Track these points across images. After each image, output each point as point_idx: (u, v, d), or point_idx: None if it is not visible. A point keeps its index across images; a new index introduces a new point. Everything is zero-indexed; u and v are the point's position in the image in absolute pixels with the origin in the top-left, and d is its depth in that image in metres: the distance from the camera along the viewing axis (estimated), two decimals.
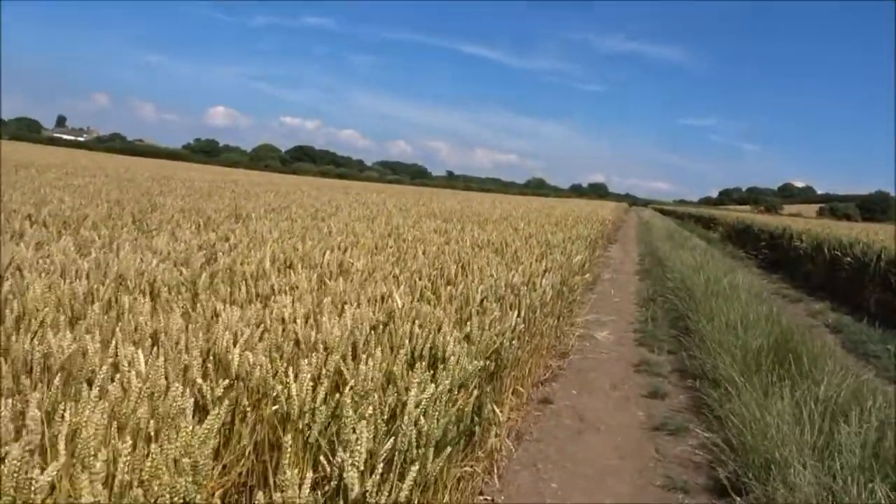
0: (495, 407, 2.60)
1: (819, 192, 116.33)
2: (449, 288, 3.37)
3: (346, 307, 2.65)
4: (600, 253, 11.50)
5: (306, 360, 1.84)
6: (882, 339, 5.81)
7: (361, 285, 3.28)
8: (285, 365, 2.00)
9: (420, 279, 3.66)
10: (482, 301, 3.22)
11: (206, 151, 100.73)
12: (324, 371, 2.01)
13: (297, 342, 2.29)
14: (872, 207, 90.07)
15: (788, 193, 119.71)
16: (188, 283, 3.02)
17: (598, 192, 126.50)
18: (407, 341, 2.37)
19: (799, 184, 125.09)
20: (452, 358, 2.14)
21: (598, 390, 4.28)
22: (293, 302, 2.68)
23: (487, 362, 2.55)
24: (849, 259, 8.08)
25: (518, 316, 3.26)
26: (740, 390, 3.51)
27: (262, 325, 2.36)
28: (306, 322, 2.43)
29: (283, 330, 2.34)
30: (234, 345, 2.12)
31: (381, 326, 2.57)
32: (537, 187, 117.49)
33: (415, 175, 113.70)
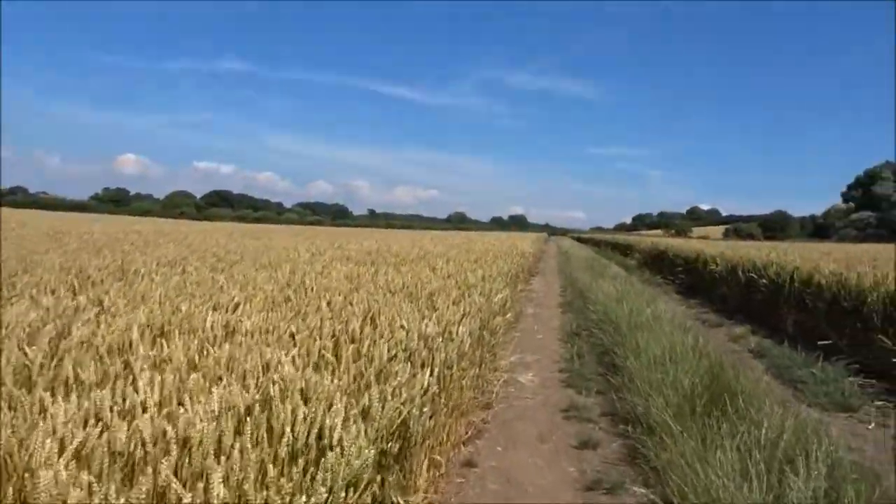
0: (402, 501, 2.18)
1: (724, 213, 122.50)
2: (352, 347, 2.95)
3: (218, 385, 2.21)
4: (522, 287, 11.31)
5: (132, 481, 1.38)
6: (805, 363, 5.74)
7: (248, 351, 2.83)
8: (116, 484, 1.54)
9: (320, 338, 3.24)
10: (390, 360, 2.82)
11: (115, 201, 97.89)
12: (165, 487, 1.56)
13: (142, 443, 1.82)
14: (772, 226, 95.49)
15: (696, 216, 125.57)
16: (33, 366, 2.49)
17: (518, 223, 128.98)
18: (289, 428, 1.94)
19: (705, 207, 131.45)
20: (333, 452, 1.72)
21: (526, 444, 3.92)
22: (152, 382, 2.20)
23: (390, 444, 2.14)
24: (764, 281, 8.16)
25: (431, 375, 2.89)
26: (676, 438, 3.23)
27: (102, 421, 1.89)
28: (160, 412, 1.97)
29: (130, 425, 1.87)
30: (60, 456, 1.65)
31: (260, 407, 2.12)
32: (459, 222, 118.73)
33: (336, 215, 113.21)
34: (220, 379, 2.44)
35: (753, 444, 2.93)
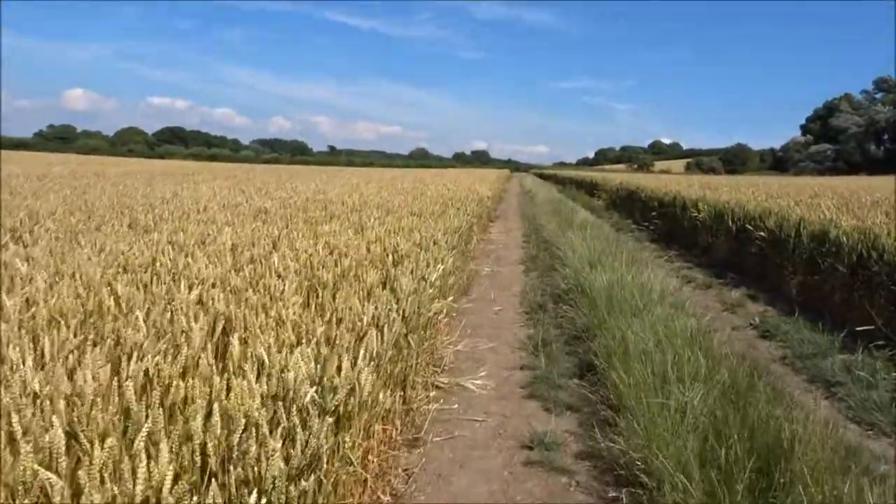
0: None
1: (685, 147, 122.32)
2: (99, 454, 1.49)
3: None
4: (478, 239, 9.91)
5: None
6: (831, 346, 4.50)
7: None
8: None
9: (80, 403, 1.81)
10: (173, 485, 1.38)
11: (62, 138, 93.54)
12: None
13: None
14: (733, 160, 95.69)
15: (658, 150, 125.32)
16: None
17: (480, 159, 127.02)
18: None
19: (666, 140, 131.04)
20: None
21: None
22: None
23: None
24: (761, 234, 6.86)
25: None
26: None
27: None
28: None
29: None
30: None
31: None
32: (421, 158, 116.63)
33: (295, 151, 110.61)
34: None
35: None
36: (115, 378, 1.96)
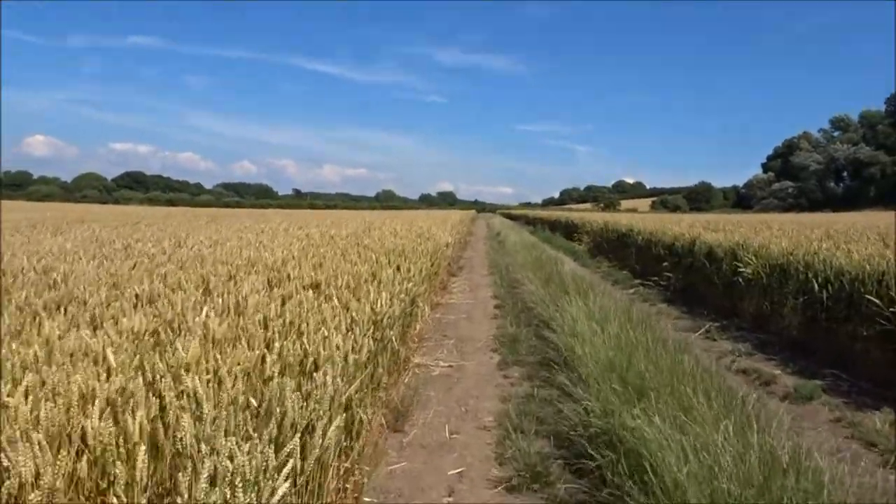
0: None
1: (648, 186, 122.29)
2: None
3: None
4: (433, 305, 7.08)
5: None
6: None
7: None
8: None
9: None
10: None
11: (16, 185, 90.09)
12: None
13: None
14: (697, 198, 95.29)
15: (622, 189, 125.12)
16: None
17: (447, 200, 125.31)
18: None
19: (630, 180, 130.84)
20: None
21: None
22: None
23: None
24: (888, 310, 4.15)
25: None
26: None
27: None
28: None
29: None
30: None
31: None
32: (387, 200, 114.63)
33: (259, 195, 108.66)
34: None
35: None
36: None
